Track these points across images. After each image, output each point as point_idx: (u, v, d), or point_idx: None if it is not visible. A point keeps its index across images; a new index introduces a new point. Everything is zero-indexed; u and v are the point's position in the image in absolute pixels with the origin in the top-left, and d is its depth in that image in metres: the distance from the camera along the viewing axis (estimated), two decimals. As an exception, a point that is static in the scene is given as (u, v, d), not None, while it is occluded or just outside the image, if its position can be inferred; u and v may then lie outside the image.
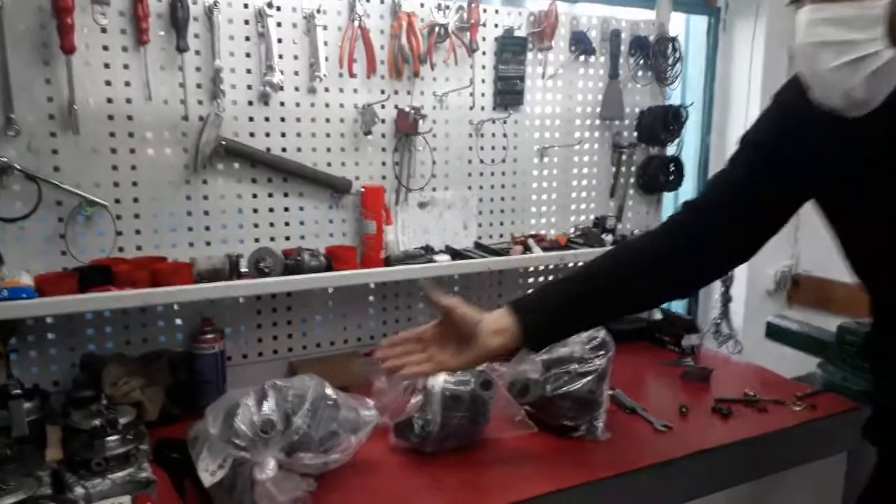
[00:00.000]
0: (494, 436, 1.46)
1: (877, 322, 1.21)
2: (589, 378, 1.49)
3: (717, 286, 2.70)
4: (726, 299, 2.68)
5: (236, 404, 1.14)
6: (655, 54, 2.06)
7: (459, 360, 1.23)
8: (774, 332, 2.06)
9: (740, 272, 2.68)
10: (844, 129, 1.01)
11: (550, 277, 2.13)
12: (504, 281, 2.07)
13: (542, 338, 1.27)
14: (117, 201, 1.51)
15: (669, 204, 2.46)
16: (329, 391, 1.26)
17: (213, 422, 1.15)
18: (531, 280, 2.11)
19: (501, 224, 2.02)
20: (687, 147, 2.76)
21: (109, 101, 1.47)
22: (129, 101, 1.48)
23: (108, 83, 1.46)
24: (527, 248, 1.93)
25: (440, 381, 1.40)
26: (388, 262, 1.70)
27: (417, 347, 1.26)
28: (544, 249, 1.94)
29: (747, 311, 2.74)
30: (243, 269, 1.55)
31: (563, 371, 1.49)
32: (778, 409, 1.65)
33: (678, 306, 2.88)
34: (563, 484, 1.30)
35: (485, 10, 1.83)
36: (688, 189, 2.80)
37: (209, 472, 1.16)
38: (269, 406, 1.12)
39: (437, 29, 1.74)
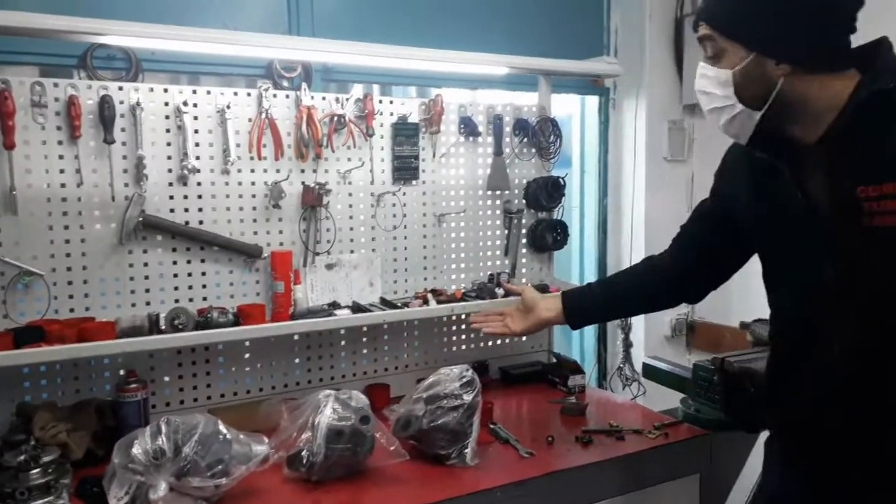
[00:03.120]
0: (377, 465, 1.70)
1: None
2: (459, 412, 1.73)
3: (617, 333, 2.99)
4: (627, 345, 2.96)
5: (135, 436, 1.37)
6: (535, 133, 2.39)
7: (523, 325, 1.88)
8: (648, 372, 2.33)
9: (637, 320, 2.96)
10: (753, 174, 1.34)
11: (464, 326, 2.41)
12: (420, 330, 2.33)
13: (577, 320, 1.85)
14: (53, 270, 1.76)
15: (563, 259, 2.76)
16: (222, 428, 1.50)
17: (117, 453, 1.38)
18: (447, 328, 2.38)
19: (406, 281, 2.29)
20: (588, 209, 3.10)
21: (47, 186, 1.74)
22: (63, 185, 1.75)
23: (46, 171, 1.74)
24: (426, 302, 2.20)
25: (325, 417, 1.64)
26: (293, 317, 1.96)
27: (499, 317, 1.92)
28: (441, 302, 2.21)
29: (648, 355, 3.02)
30: (162, 326, 1.80)
31: (437, 406, 1.74)
32: (635, 437, 1.89)
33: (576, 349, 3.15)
34: (425, 500, 1.54)
35: (380, 101, 2.15)
36: (589, 246, 3.12)
37: (117, 498, 1.39)
38: (161, 437, 1.36)
39: (335, 118, 2.05)
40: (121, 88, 1.81)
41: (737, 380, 1.87)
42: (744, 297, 1.57)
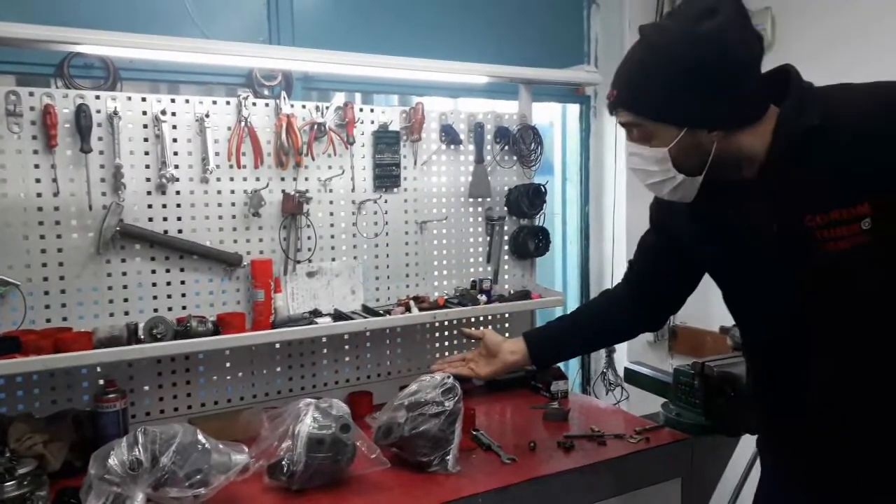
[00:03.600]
0: (358, 473, 1.69)
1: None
2: (440, 419, 1.73)
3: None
4: (610, 350, 2.97)
5: (111, 447, 1.36)
6: (516, 141, 2.40)
7: (488, 369, 1.82)
8: (630, 377, 2.34)
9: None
10: (693, 210, 1.36)
11: (447, 333, 2.41)
12: (403, 337, 2.34)
13: (542, 359, 1.83)
14: (29, 280, 1.75)
15: (547, 266, 2.76)
16: (201, 437, 1.49)
17: (93, 464, 1.37)
18: (429, 335, 2.38)
19: (388, 288, 2.29)
20: (570, 216, 3.12)
21: (23, 195, 1.73)
22: (39, 195, 1.74)
23: (22, 180, 1.72)
24: (408, 309, 2.19)
25: (306, 426, 1.63)
26: (273, 325, 1.95)
27: (462, 363, 1.86)
28: (424, 309, 2.21)
29: (630, 360, 3.03)
30: (141, 336, 1.79)
31: (419, 414, 1.73)
32: (616, 442, 1.90)
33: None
34: (406, 509, 1.53)
35: (361, 110, 2.16)
36: (572, 253, 3.14)
37: (93, 510, 1.37)
38: (137, 448, 1.34)
39: (315, 126, 2.05)
40: (98, 97, 1.80)
41: (717, 384, 1.89)
42: (724, 303, 1.59)
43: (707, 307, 2.71)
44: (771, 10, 2.71)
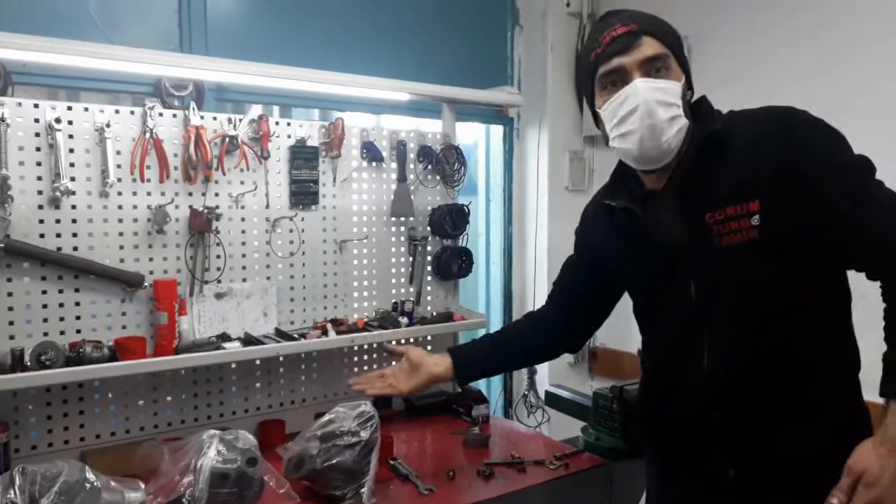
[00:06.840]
0: (266, 509, 1.59)
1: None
2: (356, 449, 1.65)
3: (522, 361, 2.98)
4: (531, 372, 2.96)
5: (-19, 490, 1.22)
6: (440, 161, 2.37)
7: (411, 383, 1.75)
8: (550, 400, 2.33)
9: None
10: (612, 224, 1.46)
11: (366, 357, 2.33)
12: (319, 362, 2.24)
13: (466, 374, 1.79)
14: None
15: (471, 287, 2.73)
16: (90, 475, 1.36)
17: (-42, 510, 1.22)
18: (348, 359, 2.29)
19: (304, 310, 2.19)
20: (493, 237, 3.11)
21: None
22: (-90, 207, 1.57)
23: None
24: (325, 332, 2.11)
25: (209, 459, 1.52)
26: (177, 350, 1.83)
27: (382, 380, 1.78)
28: (342, 332, 2.12)
29: (552, 382, 3.03)
30: (27, 363, 1.63)
31: (333, 445, 1.65)
32: (536, 468, 1.87)
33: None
34: (315, 547, 1.44)
35: (277, 123, 2.07)
36: (496, 273, 3.13)
37: (-41, 561, 1.22)
38: (13, 490, 1.21)
39: (227, 139, 1.95)
40: (-18, 102, 1.65)
41: (635, 407, 1.89)
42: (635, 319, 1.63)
43: (625, 329, 2.75)
44: (688, 38, 2.82)
